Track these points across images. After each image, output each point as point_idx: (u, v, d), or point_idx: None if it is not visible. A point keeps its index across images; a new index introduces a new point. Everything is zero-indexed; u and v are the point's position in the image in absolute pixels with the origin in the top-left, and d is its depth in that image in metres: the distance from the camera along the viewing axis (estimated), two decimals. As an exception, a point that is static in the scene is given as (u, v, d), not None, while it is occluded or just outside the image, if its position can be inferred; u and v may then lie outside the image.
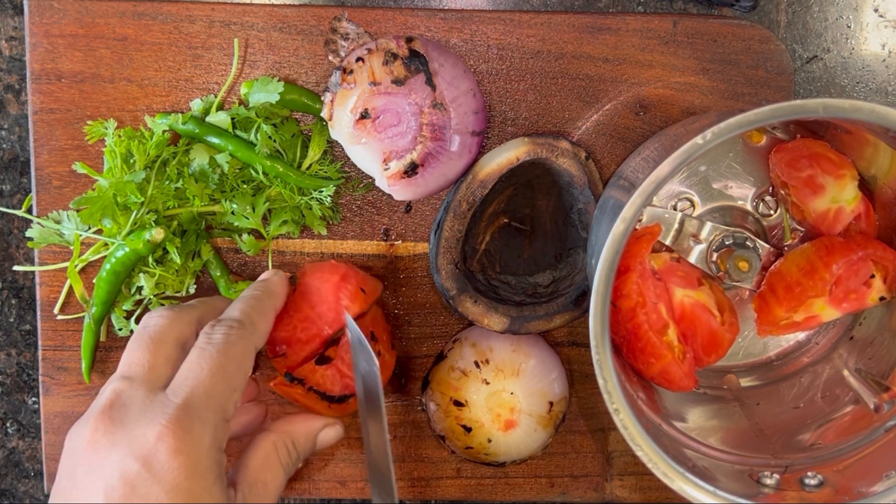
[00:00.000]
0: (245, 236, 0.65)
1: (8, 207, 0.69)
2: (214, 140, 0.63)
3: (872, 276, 0.61)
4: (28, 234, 0.64)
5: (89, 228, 0.64)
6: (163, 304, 0.66)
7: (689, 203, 0.65)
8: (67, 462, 0.52)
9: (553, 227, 0.67)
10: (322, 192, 0.64)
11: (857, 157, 0.61)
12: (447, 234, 0.63)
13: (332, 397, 0.62)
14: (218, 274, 0.66)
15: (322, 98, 0.64)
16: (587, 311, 0.66)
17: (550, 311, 0.65)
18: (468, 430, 0.64)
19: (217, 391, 0.53)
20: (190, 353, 0.55)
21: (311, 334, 0.61)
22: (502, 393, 0.63)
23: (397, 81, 0.60)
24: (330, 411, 0.63)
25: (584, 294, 0.65)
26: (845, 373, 0.64)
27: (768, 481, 0.57)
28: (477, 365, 0.64)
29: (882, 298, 0.62)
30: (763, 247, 0.64)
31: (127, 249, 0.61)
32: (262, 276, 0.62)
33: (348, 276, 0.62)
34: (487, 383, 0.63)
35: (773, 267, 0.64)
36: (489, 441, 0.64)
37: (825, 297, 0.62)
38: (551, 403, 0.64)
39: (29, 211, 0.66)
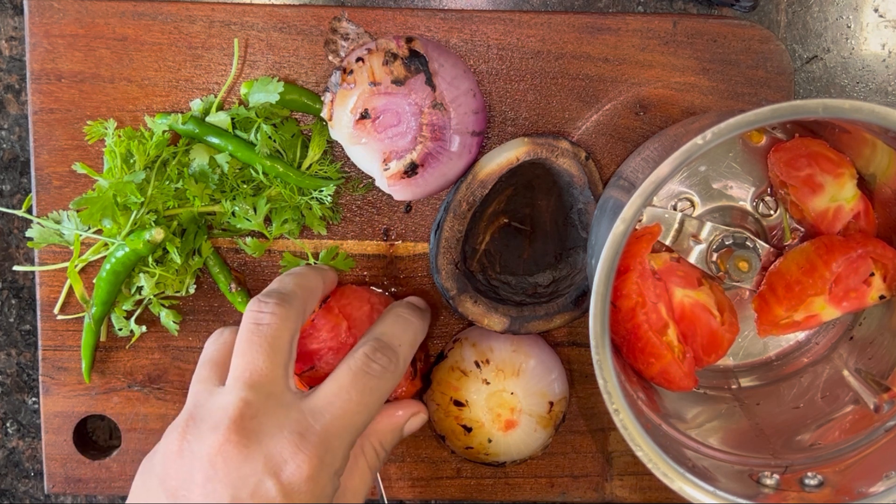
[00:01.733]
0: (249, 239, 0.65)
1: (8, 207, 0.69)
2: (214, 140, 0.63)
3: (872, 275, 0.61)
4: (28, 234, 0.64)
5: (89, 228, 0.64)
6: (163, 305, 0.66)
7: (689, 203, 0.65)
8: (183, 465, 0.51)
9: (553, 227, 0.67)
10: (322, 191, 0.64)
11: (856, 155, 0.61)
12: (447, 235, 0.63)
13: None
14: (217, 271, 0.66)
15: (322, 98, 0.64)
16: (587, 311, 0.66)
17: (550, 311, 0.65)
18: (468, 430, 0.64)
19: (357, 426, 0.53)
20: (341, 371, 0.55)
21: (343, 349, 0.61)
22: (503, 393, 0.63)
23: (397, 81, 0.60)
24: None
25: (584, 294, 0.65)
26: (845, 373, 0.64)
27: (768, 481, 0.57)
28: (477, 365, 0.64)
29: (882, 297, 0.62)
30: (763, 247, 0.64)
31: (127, 249, 0.61)
32: (412, 301, 0.64)
33: (376, 306, 0.63)
34: (488, 383, 0.63)
35: (772, 266, 0.64)
36: (489, 441, 0.64)
37: (825, 295, 0.62)
38: (551, 403, 0.64)
39: (29, 211, 0.66)
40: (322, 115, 0.63)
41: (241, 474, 0.50)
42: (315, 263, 0.66)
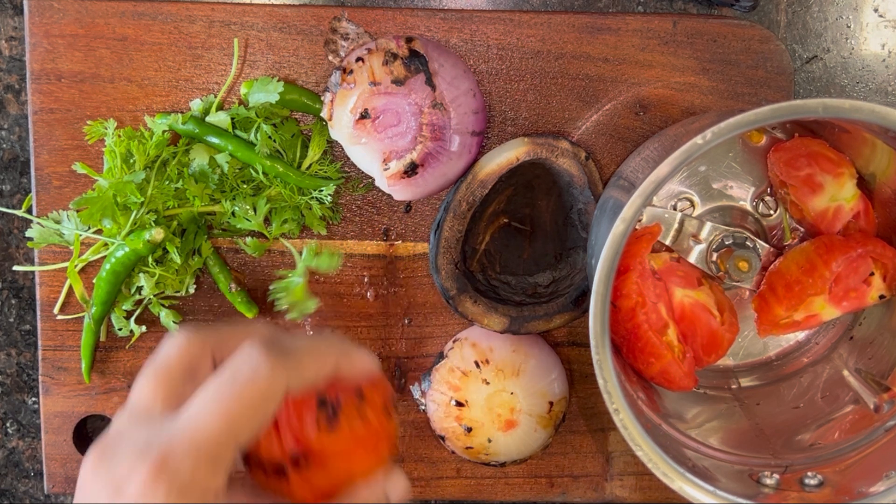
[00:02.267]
0: (249, 239, 0.65)
1: (8, 207, 0.69)
2: (214, 140, 0.63)
3: (872, 274, 0.61)
4: (28, 234, 0.64)
5: (89, 228, 0.64)
6: (163, 305, 0.66)
7: (689, 203, 0.65)
8: (77, 489, 0.50)
9: (553, 227, 0.67)
10: (322, 191, 0.64)
11: (856, 155, 0.61)
12: (447, 234, 0.63)
13: None
14: (217, 271, 0.66)
15: (322, 98, 0.64)
16: (587, 311, 0.66)
17: (550, 311, 0.65)
18: (468, 430, 0.64)
19: (210, 436, 0.45)
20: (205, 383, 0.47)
21: None
22: (502, 393, 0.63)
23: (397, 81, 0.60)
24: None
25: (584, 294, 0.65)
26: (845, 373, 0.64)
27: (768, 481, 0.57)
28: (477, 365, 0.64)
29: (882, 297, 0.62)
30: (763, 247, 0.64)
31: (127, 249, 0.61)
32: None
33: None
34: (488, 383, 0.63)
35: (772, 266, 0.64)
36: (489, 441, 0.64)
37: (825, 295, 0.62)
38: (551, 403, 0.64)
39: (29, 211, 0.66)
40: (322, 115, 0.63)
41: (92, 496, 0.46)
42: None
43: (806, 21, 0.67)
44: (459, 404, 0.64)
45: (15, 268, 0.69)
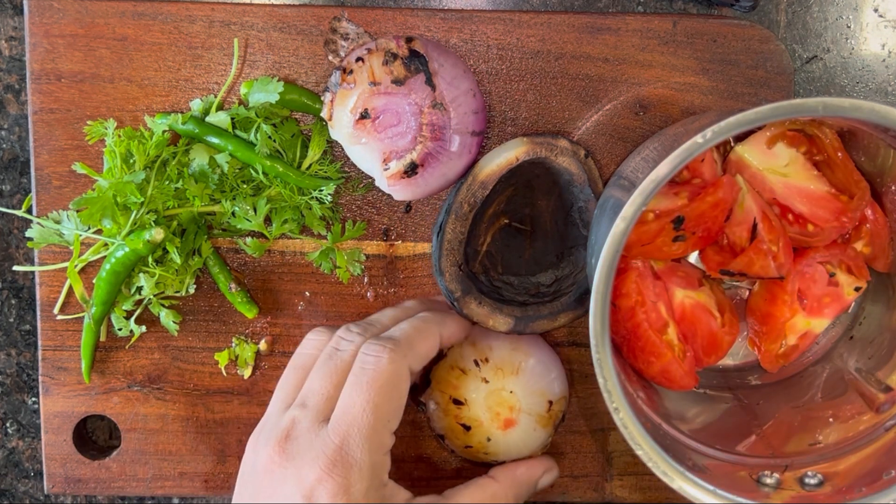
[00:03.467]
0: (249, 239, 0.65)
1: (8, 207, 0.69)
2: (214, 140, 0.63)
3: (833, 275, 0.62)
4: (28, 234, 0.64)
5: (89, 228, 0.64)
6: (163, 305, 0.66)
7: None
8: (250, 480, 0.56)
9: (554, 226, 0.67)
10: (322, 191, 0.64)
11: (863, 156, 0.61)
12: (449, 237, 0.63)
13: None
14: (217, 271, 0.66)
15: (322, 98, 0.64)
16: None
17: (554, 310, 0.65)
18: (467, 428, 0.64)
19: (371, 429, 0.55)
20: (347, 379, 0.56)
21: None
22: (502, 391, 0.63)
23: (397, 81, 0.60)
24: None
25: (587, 292, 0.65)
26: (845, 373, 0.64)
27: (768, 481, 0.57)
28: (476, 363, 0.64)
29: (858, 288, 0.62)
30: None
31: (127, 249, 0.61)
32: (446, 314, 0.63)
33: None
34: (487, 382, 0.63)
35: (746, 305, 0.66)
36: (488, 440, 0.64)
37: (802, 313, 0.63)
38: (550, 402, 0.64)
39: (29, 211, 0.66)
40: (322, 115, 0.63)
41: (282, 492, 0.54)
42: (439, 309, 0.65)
43: (806, 21, 0.67)
44: (458, 403, 0.64)
45: (15, 268, 0.69)
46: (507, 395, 0.63)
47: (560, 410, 0.65)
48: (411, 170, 0.61)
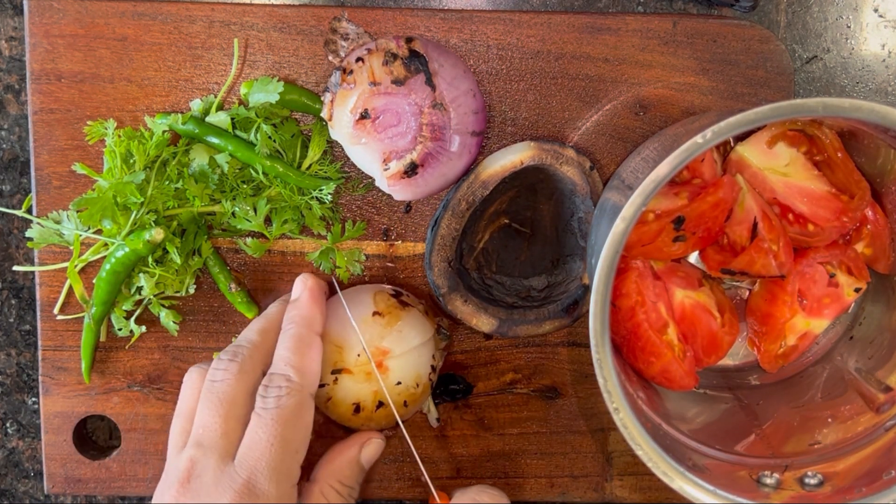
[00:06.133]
0: (249, 240, 0.65)
1: (8, 207, 0.69)
2: (214, 140, 0.63)
3: (833, 276, 0.62)
4: (28, 234, 0.64)
5: (89, 229, 0.64)
6: (163, 305, 0.66)
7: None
8: None
9: (552, 233, 0.67)
10: (322, 191, 0.64)
11: (863, 158, 0.61)
12: (443, 232, 0.63)
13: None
14: (217, 271, 0.66)
15: (322, 98, 0.64)
16: (577, 319, 0.66)
17: (541, 316, 0.65)
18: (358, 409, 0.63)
19: (278, 461, 0.55)
20: (251, 419, 0.56)
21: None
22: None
23: (397, 81, 0.60)
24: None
25: (576, 303, 0.65)
26: (845, 373, 0.64)
27: (768, 481, 0.57)
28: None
29: (858, 289, 0.62)
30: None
31: (127, 249, 0.61)
32: (294, 295, 0.63)
33: None
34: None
35: (746, 306, 0.66)
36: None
37: (801, 313, 0.63)
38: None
39: (29, 211, 0.66)
40: (322, 115, 0.63)
41: None
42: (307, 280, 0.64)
43: (806, 21, 0.67)
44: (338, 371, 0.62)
45: (15, 268, 0.69)
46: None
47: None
48: (411, 170, 0.61)
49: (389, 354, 0.61)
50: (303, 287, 0.62)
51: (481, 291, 0.65)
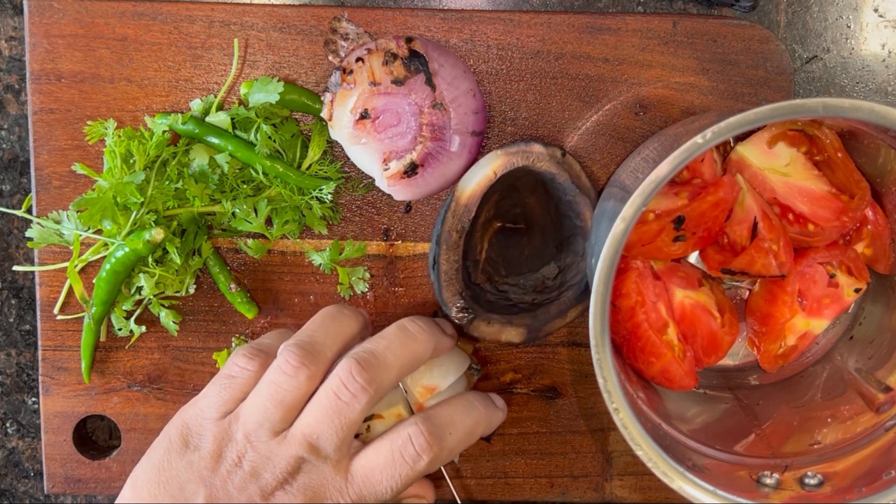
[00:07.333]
0: (250, 241, 0.65)
1: (8, 207, 0.69)
2: (214, 140, 0.63)
3: (833, 276, 0.62)
4: (28, 234, 0.64)
5: (89, 229, 0.64)
6: (163, 305, 0.66)
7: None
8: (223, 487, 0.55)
9: (547, 220, 0.67)
10: (322, 190, 0.64)
11: (864, 158, 0.61)
12: (445, 268, 0.63)
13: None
14: (217, 271, 0.66)
15: (322, 98, 0.64)
16: None
17: (563, 307, 0.65)
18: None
19: (385, 494, 0.56)
20: (382, 445, 0.56)
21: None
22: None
23: (397, 81, 0.60)
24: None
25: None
26: (845, 373, 0.64)
27: (768, 481, 0.57)
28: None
29: (857, 290, 0.62)
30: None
31: (127, 249, 0.61)
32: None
33: None
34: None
35: (746, 306, 0.66)
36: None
37: (801, 313, 0.63)
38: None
39: (29, 211, 0.66)
40: (322, 115, 0.63)
41: None
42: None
43: (806, 21, 0.67)
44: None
45: (15, 268, 0.69)
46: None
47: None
48: (411, 170, 0.61)
49: (436, 391, 0.61)
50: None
51: (499, 300, 0.65)
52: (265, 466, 0.54)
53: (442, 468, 0.67)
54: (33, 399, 0.72)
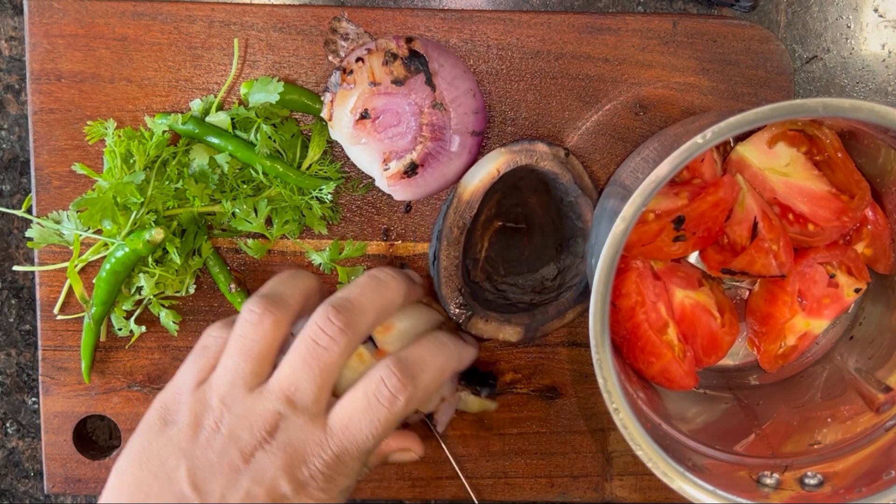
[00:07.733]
0: (250, 241, 0.65)
1: (8, 207, 0.69)
2: (214, 140, 0.63)
3: (833, 276, 0.62)
4: (28, 234, 0.64)
5: (89, 229, 0.64)
6: (163, 305, 0.66)
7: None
8: (205, 454, 0.54)
9: (548, 220, 0.67)
10: (322, 190, 0.64)
11: (863, 158, 0.61)
12: (445, 264, 0.63)
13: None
14: (217, 272, 0.66)
15: (322, 98, 0.64)
16: None
17: (561, 307, 0.65)
18: None
19: (369, 449, 0.55)
20: (357, 391, 0.55)
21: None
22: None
23: (397, 81, 0.60)
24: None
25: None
26: (845, 373, 0.64)
27: (768, 481, 0.57)
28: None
29: (857, 290, 0.62)
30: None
31: (127, 249, 0.61)
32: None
33: None
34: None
35: (746, 306, 0.66)
36: None
37: (801, 313, 0.63)
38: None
39: (29, 211, 0.66)
40: (322, 115, 0.63)
41: (262, 476, 0.52)
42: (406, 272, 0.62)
43: (806, 21, 0.67)
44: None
45: (15, 268, 0.69)
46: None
47: None
48: (411, 170, 0.61)
49: (393, 329, 0.59)
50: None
51: (498, 299, 0.65)
52: (242, 426, 0.53)
53: (455, 467, 0.67)
54: (33, 399, 0.72)
